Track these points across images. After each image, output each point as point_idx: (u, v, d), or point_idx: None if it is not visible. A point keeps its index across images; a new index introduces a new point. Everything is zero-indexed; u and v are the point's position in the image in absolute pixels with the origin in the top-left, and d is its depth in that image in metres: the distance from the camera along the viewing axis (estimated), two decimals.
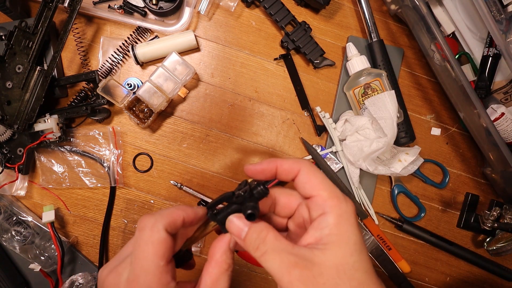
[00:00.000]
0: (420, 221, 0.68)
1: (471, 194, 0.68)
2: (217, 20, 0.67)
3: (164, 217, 0.31)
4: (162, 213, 0.32)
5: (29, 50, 0.57)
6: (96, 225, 0.64)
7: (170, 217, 0.31)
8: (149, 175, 0.65)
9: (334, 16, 0.69)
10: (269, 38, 0.67)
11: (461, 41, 0.67)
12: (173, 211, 0.32)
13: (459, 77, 0.56)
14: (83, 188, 0.64)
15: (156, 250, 0.30)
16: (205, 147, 0.66)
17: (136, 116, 0.62)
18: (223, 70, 0.67)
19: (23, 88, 0.57)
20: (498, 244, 0.66)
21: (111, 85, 0.59)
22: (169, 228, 0.31)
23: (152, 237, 0.30)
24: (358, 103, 0.64)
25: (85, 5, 0.61)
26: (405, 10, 0.62)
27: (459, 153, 0.70)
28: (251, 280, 0.66)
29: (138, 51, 0.62)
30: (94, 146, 0.63)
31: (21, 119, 0.57)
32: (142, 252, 0.30)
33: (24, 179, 0.62)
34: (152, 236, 0.30)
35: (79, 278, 0.61)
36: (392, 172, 0.62)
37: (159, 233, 0.31)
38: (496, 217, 0.59)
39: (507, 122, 0.60)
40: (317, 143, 0.67)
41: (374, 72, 0.63)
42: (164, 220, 0.31)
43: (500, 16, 0.55)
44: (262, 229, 0.31)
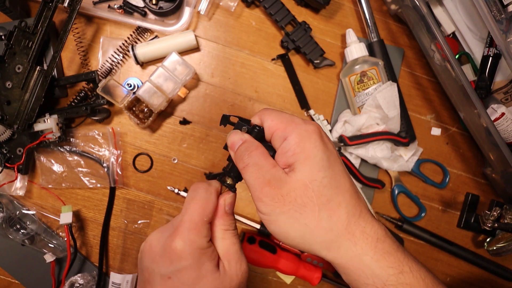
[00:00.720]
0: (420, 221, 0.68)
1: (471, 194, 0.68)
2: (217, 20, 0.67)
3: (214, 188, 0.35)
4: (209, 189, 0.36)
5: (29, 50, 0.56)
6: (96, 225, 0.64)
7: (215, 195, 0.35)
8: (149, 175, 0.65)
9: (334, 16, 0.69)
10: (269, 38, 0.67)
11: (461, 41, 0.67)
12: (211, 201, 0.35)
13: (459, 77, 0.56)
14: (82, 188, 0.64)
15: (205, 207, 0.34)
16: (205, 147, 0.66)
17: (136, 116, 0.62)
18: (223, 70, 0.66)
19: (23, 88, 0.57)
20: (498, 244, 0.66)
21: (111, 85, 0.59)
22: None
23: (205, 195, 0.34)
24: (353, 90, 0.64)
25: (85, 5, 0.61)
26: (405, 10, 0.62)
27: (459, 153, 0.70)
28: (251, 280, 0.66)
29: (138, 51, 0.62)
30: (93, 146, 0.63)
31: (20, 119, 0.57)
32: (194, 205, 0.34)
33: (23, 179, 0.62)
34: (205, 195, 0.34)
35: (79, 279, 0.61)
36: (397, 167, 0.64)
37: (211, 194, 0.34)
38: (496, 217, 0.59)
39: (507, 122, 0.60)
40: None
41: (371, 61, 0.63)
42: (214, 188, 0.35)
43: (501, 16, 0.55)
44: (252, 144, 0.33)
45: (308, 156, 0.31)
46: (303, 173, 0.31)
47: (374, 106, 0.62)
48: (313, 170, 0.31)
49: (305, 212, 0.30)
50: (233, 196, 0.36)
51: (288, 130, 0.32)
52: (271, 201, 0.31)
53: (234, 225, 0.36)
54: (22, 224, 0.61)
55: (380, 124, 0.63)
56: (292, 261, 0.62)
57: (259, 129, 0.34)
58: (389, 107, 0.61)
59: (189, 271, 0.32)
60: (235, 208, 0.41)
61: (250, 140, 0.34)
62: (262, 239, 0.62)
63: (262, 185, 0.31)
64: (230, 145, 0.35)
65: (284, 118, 0.33)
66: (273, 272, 0.66)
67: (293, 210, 0.30)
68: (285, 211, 0.30)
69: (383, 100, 0.61)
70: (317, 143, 0.31)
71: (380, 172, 0.68)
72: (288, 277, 0.66)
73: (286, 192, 0.30)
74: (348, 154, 0.65)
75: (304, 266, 0.63)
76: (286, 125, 0.32)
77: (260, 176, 0.31)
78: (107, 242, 0.64)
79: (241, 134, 0.34)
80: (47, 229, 0.62)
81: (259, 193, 0.31)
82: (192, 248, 0.32)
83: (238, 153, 0.33)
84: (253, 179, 0.31)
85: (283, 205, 0.30)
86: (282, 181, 0.31)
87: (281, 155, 0.32)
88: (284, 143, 0.32)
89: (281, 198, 0.30)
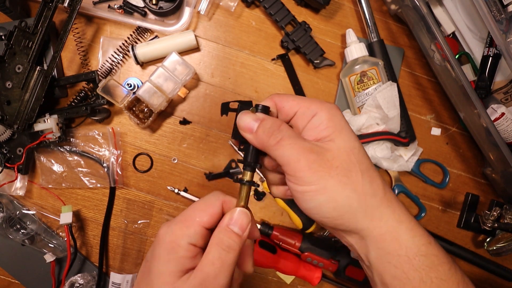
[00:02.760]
0: (420, 221, 0.68)
1: (471, 194, 0.68)
2: (217, 20, 0.67)
3: (221, 196, 0.33)
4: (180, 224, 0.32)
5: (29, 50, 0.56)
6: (96, 225, 0.64)
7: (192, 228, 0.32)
8: (149, 175, 0.65)
9: (334, 16, 0.69)
10: (269, 38, 0.67)
11: (461, 41, 0.67)
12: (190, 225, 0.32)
13: (459, 77, 0.56)
14: (82, 188, 0.64)
15: (201, 208, 0.32)
16: (205, 147, 0.66)
17: (136, 116, 0.62)
18: (223, 70, 0.66)
19: (23, 88, 0.57)
20: (498, 244, 0.66)
21: (111, 85, 0.59)
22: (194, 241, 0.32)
23: (209, 198, 0.33)
24: (353, 90, 0.64)
25: (85, 5, 0.61)
26: (405, 10, 0.62)
27: (459, 153, 0.70)
28: (251, 280, 0.66)
29: (138, 51, 0.62)
30: (93, 146, 0.63)
31: (21, 119, 0.57)
32: (195, 204, 0.33)
33: (23, 179, 0.62)
34: (210, 198, 0.33)
35: (79, 279, 0.61)
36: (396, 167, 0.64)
37: (216, 200, 0.33)
38: (496, 217, 0.59)
39: (507, 122, 0.60)
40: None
41: (371, 61, 0.63)
42: (222, 197, 0.33)
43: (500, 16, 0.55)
44: (275, 120, 0.32)
45: (343, 128, 0.32)
46: (344, 142, 0.31)
47: (374, 106, 0.62)
48: (351, 139, 0.32)
49: (351, 176, 0.30)
50: (242, 213, 0.32)
51: (314, 108, 0.32)
52: (319, 167, 0.30)
53: (235, 249, 0.31)
54: (22, 224, 0.61)
55: (380, 124, 0.63)
56: (292, 261, 0.62)
57: (264, 106, 0.33)
58: (389, 107, 0.61)
59: (154, 261, 0.31)
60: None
61: (269, 117, 0.32)
62: (262, 239, 0.62)
63: (306, 153, 0.30)
64: (245, 127, 0.32)
65: (303, 98, 0.34)
66: (273, 272, 0.66)
67: (341, 175, 0.30)
68: (333, 176, 0.30)
69: (383, 100, 0.61)
70: (344, 118, 0.33)
71: (380, 172, 0.68)
72: (288, 277, 0.66)
73: (332, 157, 0.30)
74: None
75: (304, 266, 0.63)
76: (310, 103, 0.33)
77: (301, 145, 0.30)
78: (107, 242, 0.64)
79: (253, 115, 0.32)
80: (47, 229, 0.62)
81: (305, 160, 0.30)
82: (168, 239, 0.31)
83: (262, 132, 0.31)
84: (294, 149, 0.30)
85: (331, 169, 0.30)
86: (324, 149, 0.31)
87: (311, 129, 0.32)
88: (314, 119, 0.32)
89: (328, 163, 0.30)
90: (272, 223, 0.66)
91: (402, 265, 0.31)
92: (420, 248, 0.31)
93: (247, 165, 0.33)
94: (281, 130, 0.31)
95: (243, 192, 0.33)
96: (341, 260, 0.62)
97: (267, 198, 0.66)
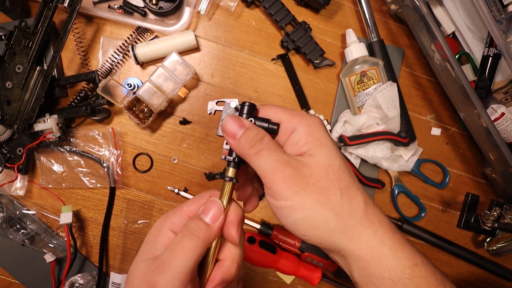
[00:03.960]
0: (420, 221, 0.68)
1: (471, 194, 0.68)
2: (217, 20, 0.67)
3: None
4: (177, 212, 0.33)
5: (29, 50, 0.56)
6: (96, 225, 0.64)
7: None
8: (149, 175, 0.65)
9: (334, 16, 0.69)
10: (269, 38, 0.67)
11: (461, 41, 0.67)
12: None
13: (459, 77, 0.56)
14: (82, 188, 0.64)
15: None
16: (205, 147, 0.66)
17: (136, 116, 0.62)
18: (223, 70, 0.66)
19: (23, 88, 0.57)
20: (498, 244, 0.66)
21: (111, 85, 0.59)
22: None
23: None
24: (353, 90, 0.64)
25: (85, 5, 0.61)
26: (405, 10, 0.62)
27: (459, 153, 0.70)
28: (251, 280, 0.66)
29: (138, 51, 0.62)
30: (93, 146, 0.63)
31: (21, 119, 0.57)
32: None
33: (23, 179, 0.62)
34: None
35: (79, 279, 0.61)
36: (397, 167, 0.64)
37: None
38: (496, 217, 0.59)
39: (507, 122, 0.60)
40: None
41: (371, 61, 0.63)
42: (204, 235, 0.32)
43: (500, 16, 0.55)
44: (259, 131, 0.31)
45: (323, 143, 0.31)
46: (322, 158, 0.30)
47: (374, 106, 0.62)
48: (330, 156, 0.31)
49: (328, 195, 0.30)
50: (214, 203, 0.32)
51: (295, 122, 0.32)
52: (295, 182, 0.29)
53: (198, 236, 0.30)
54: (22, 224, 0.61)
55: (380, 124, 0.63)
56: (292, 261, 0.62)
57: (250, 104, 0.33)
58: (389, 107, 0.61)
59: (143, 242, 0.32)
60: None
61: (254, 127, 0.32)
62: (262, 239, 0.62)
63: (283, 166, 0.29)
64: (230, 132, 0.31)
65: (286, 111, 0.33)
66: (273, 272, 0.66)
67: (317, 193, 0.29)
68: (309, 193, 0.29)
69: (383, 100, 0.61)
70: (325, 133, 0.32)
71: (380, 172, 0.68)
72: (288, 277, 0.66)
73: (309, 173, 0.30)
74: (348, 154, 0.65)
75: (304, 266, 0.63)
76: (292, 117, 0.32)
77: (279, 158, 0.30)
78: (107, 242, 0.64)
79: (239, 120, 0.32)
80: (47, 229, 0.62)
81: (281, 174, 0.29)
82: (155, 225, 0.32)
83: (245, 140, 0.31)
84: (271, 161, 0.30)
85: (307, 186, 0.29)
86: (302, 164, 0.30)
87: (291, 145, 0.32)
88: (294, 134, 0.32)
89: (304, 179, 0.29)
90: (272, 223, 0.66)
91: (386, 287, 0.30)
92: (405, 271, 0.30)
93: (231, 162, 0.33)
94: (262, 142, 0.31)
95: (226, 188, 0.33)
96: None
97: None
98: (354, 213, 0.30)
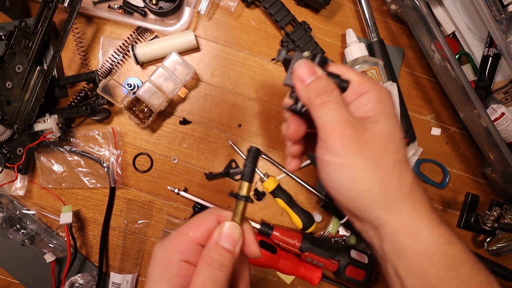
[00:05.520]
0: None
1: (471, 194, 0.68)
2: (217, 20, 0.67)
3: (217, 212, 0.31)
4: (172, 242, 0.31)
5: (29, 50, 0.56)
6: (96, 225, 0.64)
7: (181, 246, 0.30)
8: (149, 175, 0.65)
9: (334, 16, 0.69)
10: (269, 38, 0.67)
11: (461, 41, 0.67)
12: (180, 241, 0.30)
13: (459, 77, 0.56)
14: (82, 188, 0.64)
15: (195, 223, 0.31)
16: (205, 147, 0.66)
17: (136, 116, 0.62)
18: (223, 70, 0.66)
19: (23, 88, 0.57)
20: (498, 244, 0.66)
21: (111, 85, 0.59)
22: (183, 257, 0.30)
23: (204, 215, 0.31)
24: None
25: (85, 5, 0.61)
26: (405, 10, 0.62)
27: (459, 153, 0.70)
28: (251, 280, 0.66)
29: (138, 51, 0.62)
30: (93, 146, 0.63)
31: (21, 119, 0.57)
32: (190, 220, 0.31)
33: (23, 179, 0.62)
34: (204, 214, 0.31)
35: (79, 279, 0.61)
36: None
37: (210, 215, 0.31)
38: (496, 217, 0.59)
39: (507, 122, 0.60)
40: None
41: (371, 61, 0.63)
42: (217, 212, 0.31)
43: (500, 16, 0.55)
44: (330, 83, 0.31)
45: (389, 114, 0.31)
46: (386, 127, 0.30)
47: None
48: (394, 127, 0.31)
49: (382, 163, 0.29)
50: (232, 226, 0.30)
51: (366, 85, 0.31)
52: (351, 142, 0.29)
53: (227, 266, 0.29)
54: (22, 224, 0.61)
55: None
56: (292, 261, 0.62)
57: (323, 56, 0.32)
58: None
59: (148, 281, 0.30)
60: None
61: (326, 78, 0.31)
62: (262, 239, 0.62)
63: (345, 124, 0.29)
64: (300, 76, 0.31)
65: (359, 74, 0.33)
66: (273, 272, 0.66)
67: (371, 158, 0.29)
68: (363, 157, 0.29)
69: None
70: (392, 105, 0.32)
71: None
72: (288, 277, 0.66)
73: (368, 138, 0.30)
74: None
75: (304, 266, 0.63)
76: (364, 80, 0.32)
77: (343, 115, 0.29)
78: (107, 242, 0.64)
79: (313, 67, 0.31)
80: (47, 229, 0.62)
81: (340, 131, 0.29)
82: (160, 257, 0.30)
83: (313, 88, 0.30)
84: (335, 116, 0.29)
85: (363, 150, 0.29)
86: (364, 127, 0.30)
87: (358, 107, 0.31)
88: (363, 97, 0.31)
89: (363, 142, 0.29)
90: (272, 223, 0.66)
91: (419, 261, 0.30)
92: (440, 247, 0.30)
93: (246, 177, 0.31)
94: (331, 94, 0.30)
95: (239, 207, 0.31)
96: (341, 260, 0.62)
97: (267, 198, 0.66)
98: (400, 187, 0.30)
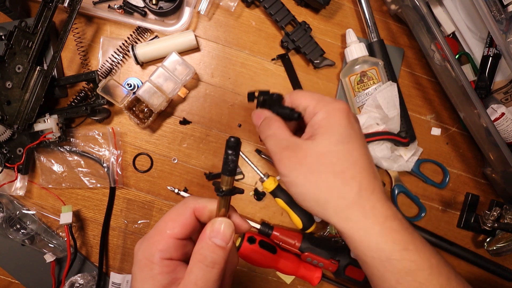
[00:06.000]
0: (420, 221, 0.68)
1: (471, 194, 0.68)
2: (217, 20, 0.67)
3: (191, 202, 0.32)
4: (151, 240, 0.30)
5: (29, 50, 0.56)
6: (96, 225, 0.64)
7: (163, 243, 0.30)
8: (149, 175, 0.65)
9: (334, 16, 0.69)
10: (269, 38, 0.67)
11: (461, 41, 0.67)
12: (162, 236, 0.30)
13: (459, 77, 0.56)
14: (82, 188, 0.64)
15: (170, 219, 0.31)
16: (205, 147, 0.66)
17: (136, 116, 0.62)
18: (223, 70, 0.66)
19: (23, 88, 0.57)
20: (498, 244, 0.66)
21: (111, 85, 0.59)
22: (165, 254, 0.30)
23: (178, 208, 0.32)
24: (353, 90, 0.64)
25: (85, 5, 0.61)
26: (405, 10, 0.62)
27: (459, 153, 0.70)
28: (251, 280, 0.66)
29: (138, 51, 0.62)
30: (93, 146, 0.63)
31: (21, 119, 0.57)
32: (165, 216, 0.32)
33: (23, 179, 0.62)
34: (178, 207, 0.32)
35: (79, 279, 0.61)
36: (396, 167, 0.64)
37: (184, 208, 0.32)
38: (496, 217, 0.59)
39: (507, 122, 0.60)
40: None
41: (371, 61, 0.63)
42: (191, 203, 0.32)
43: (500, 16, 0.55)
44: (271, 118, 0.37)
45: (329, 130, 0.34)
46: (320, 144, 0.34)
47: (374, 106, 0.62)
48: (330, 142, 0.34)
49: (319, 177, 0.33)
50: (223, 222, 0.29)
51: (318, 107, 0.35)
52: (289, 162, 0.34)
53: (219, 263, 0.28)
54: (22, 224, 0.61)
55: (380, 124, 0.63)
56: (292, 261, 0.62)
57: (277, 95, 0.39)
58: (389, 107, 0.61)
59: (132, 281, 0.30)
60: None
61: (270, 115, 0.38)
62: (262, 239, 0.62)
63: (281, 149, 0.35)
64: (254, 122, 0.39)
65: (315, 96, 0.36)
66: (273, 272, 0.66)
67: (309, 173, 0.33)
68: (301, 173, 0.33)
69: (383, 100, 0.61)
70: (342, 120, 0.34)
71: (380, 172, 0.68)
72: (288, 277, 0.66)
73: (303, 156, 0.33)
74: None
75: (304, 266, 0.63)
76: (317, 102, 0.36)
77: (279, 143, 0.35)
78: (107, 242, 0.64)
79: (261, 112, 0.38)
80: (47, 229, 0.62)
81: (279, 156, 0.34)
82: (140, 257, 0.30)
83: (262, 128, 0.37)
84: (273, 145, 0.35)
85: (300, 166, 0.33)
86: (299, 147, 0.34)
87: (309, 127, 0.36)
88: (313, 118, 0.35)
89: (298, 160, 0.33)
90: (272, 223, 0.66)
91: (376, 266, 0.33)
92: (393, 253, 0.32)
93: (226, 170, 0.29)
94: (270, 128, 0.36)
95: (222, 201, 0.30)
96: (341, 260, 0.62)
97: (267, 198, 0.66)
98: (344, 196, 0.33)
